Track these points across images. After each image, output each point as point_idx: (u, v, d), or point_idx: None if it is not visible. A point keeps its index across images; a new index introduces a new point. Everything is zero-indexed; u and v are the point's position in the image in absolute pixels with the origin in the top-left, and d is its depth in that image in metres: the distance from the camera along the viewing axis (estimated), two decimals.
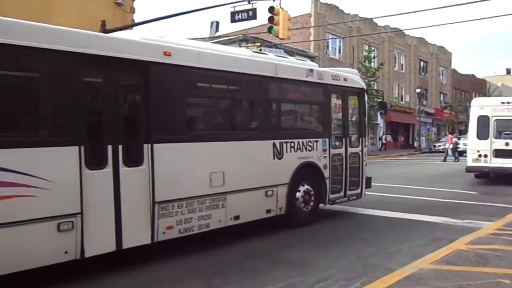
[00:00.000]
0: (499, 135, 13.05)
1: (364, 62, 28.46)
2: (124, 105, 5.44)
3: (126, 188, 5.27)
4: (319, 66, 8.48)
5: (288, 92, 7.59)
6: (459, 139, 25.73)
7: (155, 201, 5.52)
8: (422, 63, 43.27)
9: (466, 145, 16.33)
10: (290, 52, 24.42)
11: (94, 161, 5.07)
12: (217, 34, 25.83)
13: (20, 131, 4.60)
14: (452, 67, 49.30)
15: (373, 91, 9.57)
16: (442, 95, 46.60)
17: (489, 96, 46.03)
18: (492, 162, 12.91)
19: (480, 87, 53.28)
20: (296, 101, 7.90)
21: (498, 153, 12.84)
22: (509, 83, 63.61)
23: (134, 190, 5.35)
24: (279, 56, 8.01)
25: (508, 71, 71.63)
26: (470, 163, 13.18)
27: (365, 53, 30.13)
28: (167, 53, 5.76)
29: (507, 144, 12.75)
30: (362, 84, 9.02)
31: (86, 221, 4.89)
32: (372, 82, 27.26)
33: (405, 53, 40.21)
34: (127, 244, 5.28)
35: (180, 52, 5.93)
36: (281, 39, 13.73)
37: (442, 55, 46.29)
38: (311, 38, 28.56)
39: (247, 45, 21.22)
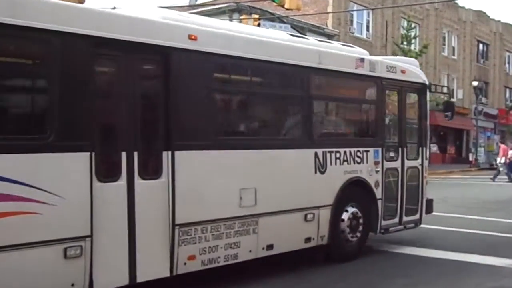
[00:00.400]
0: None
1: (402, 43, 27.65)
2: (140, 102, 5.90)
3: (142, 206, 5.72)
4: None
5: (333, 88, 8.11)
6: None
7: (175, 223, 5.98)
8: (481, 46, 42.84)
9: None
10: (300, 29, 23.53)
11: (106, 171, 5.51)
12: (199, 1, 25.81)
13: (21, 134, 5.05)
14: None
15: (437, 87, 10.12)
16: (508, 90, 46.23)
17: None
18: None
19: None
20: (343, 99, 8.42)
21: None
22: None
23: (151, 208, 5.80)
24: (321, 41, 8.53)
25: None
26: None
27: (402, 31, 29.31)
28: (193, 37, 6.22)
29: None
30: (424, 78, 9.58)
31: (96, 246, 5.32)
32: None
33: (458, 31, 39.56)
34: (141, 277, 5.72)
35: (208, 35, 6.41)
36: (287, 10, 13.79)
37: (509, 36, 45.65)
38: (329, 9, 27.39)
39: (240, 17, 20.81)
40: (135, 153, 5.73)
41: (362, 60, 8.41)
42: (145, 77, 6.03)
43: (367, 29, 31.37)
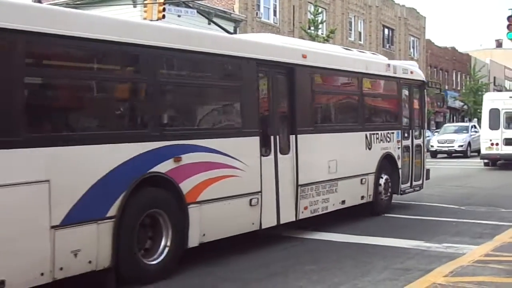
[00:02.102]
0: (508, 125, 22.22)
1: (309, 28, 27.17)
2: (279, 102, 9.07)
3: (281, 173, 8.92)
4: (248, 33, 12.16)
5: (373, 87, 11.64)
6: (433, 133, 31.61)
7: (298, 184, 9.23)
8: (386, 31, 42.46)
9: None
10: (207, 14, 23.22)
11: (265, 149, 8.67)
12: None
13: (229, 125, 8.14)
14: (427, 37, 50.58)
15: (432, 83, 14.03)
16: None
17: (474, 76, 51.95)
18: (502, 149, 22.00)
19: (462, 64, 58.84)
20: (378, 95, 11.98)
21: (508, 142, 21.89)
22: (499, 59, 72.21)
23: (286, 175, 9.02)
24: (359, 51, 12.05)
25: (499, 44, 79.99)
26: (483, 151, 22.71)
27: (310, 16, 29.04)
28: (304, 56, 9.48)
29: None
30: (423, 76, 13.38)
31: (263, 199, 8.47)
32: None
33: (364, 16, 39.13)
34: (283, 220, 8.91)
35: (313, 54, 9.70)
36: None
37: (413, 21, 47.52)
38: None
39: (145, 1, 21.21)
40: (277, 137, 8.93)
41: (389, 65, 12.03)
42: (281, 85, 9.20)
43: (275, 14, 30.78)
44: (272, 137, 8.81)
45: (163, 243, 6.98)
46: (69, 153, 5.92)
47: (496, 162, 23.24)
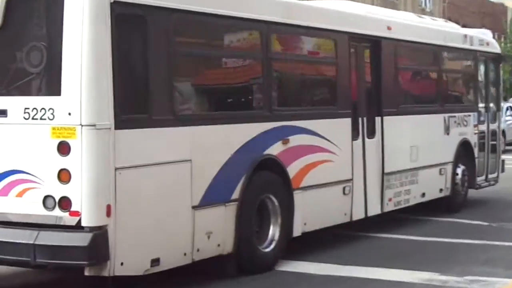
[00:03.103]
0: None
1: None
2: (364, 79, 11.83)
3: (368, 160, 11.70)
4: None
5: (450, 62, 14.61)
6: None
7: (384, 172, 12.04)
8: None
9: None
10: None
11: (355, 132, 11.44)
12: None
13: (327, 106, 10.90)
14: None
15: (507, 56, 17.17)
16: None
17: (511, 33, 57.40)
18: None
19: (495, 18, 61.98)
20: (455, 71, 14.93)
21: None
22: None
23: (372, 161, 11.80)
24: (420, 17, 15.02)
25: None
26: None
27: None
28: (389, 28, 12.28)
29: None
30: (498, 48, 16.45)
31: (354, 187, 11.23)
32: None
33: None
34: (370, 212, 11.69)
35: (397, 25, 12.51)
36: None
37: None
38: None
39: None
40: (364, 119, 11.68)
41: (465, 35, 14.99)
42: (366, 61, 11.91)
43: None
44: (360, 119, 11.59)
45: (271, 231, 9.65)
46: (205, 132, 8.53)
47: None
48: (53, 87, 7.34)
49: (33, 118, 7.36)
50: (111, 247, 7.26)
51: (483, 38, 15.65)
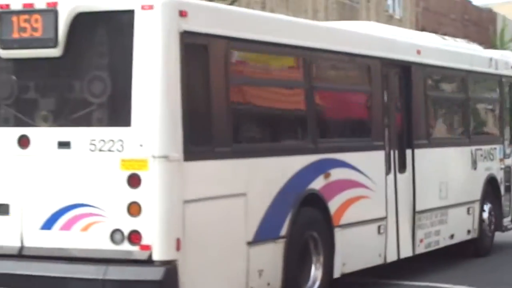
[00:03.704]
0: None
1: None
2: (395, 107, 13.86)
3: (400, 196, 13.70)
4: None
5: (477, 88, 16.82)
6: None
7: (415, 211, 14.06)
8: None
9: None
10: None
11: (387, 166, 13.44)
12: None
13: (360, 138, 12.89)
14: None
15: None
16: None
17: (503, 47, 55.09)
18: None
19: (480, 27, 64.15)
20: (481, 99, 17.14)
21: None
22: None
23: (404, 198, 13.80)
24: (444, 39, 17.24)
25: None
26: None
27: None
28: (419, 51, 14.41)
29: None
30: None
31: (388, 226, 13.21)
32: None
33: None
34: (402, 254, 13.65)
35: (427, 49, 14.64)
36: None
37: None
38: None
39: None
40: (395, 152, 13.68)
41: (491, 59, 17.27)
42: (397, 88, 13.95)
43: None
44: (392, 152, 13.62)
45: (313, 271, 11.51)
46: (258, 165, 10.41)
47: None
48: (121, 118, 9.03)
49: (100, 150, 9.09)
50: (180, 283, 9.00)
51: (508, 61, 17.93)
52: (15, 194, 9.41)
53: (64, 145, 9.24)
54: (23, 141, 9.42)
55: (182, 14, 9.18)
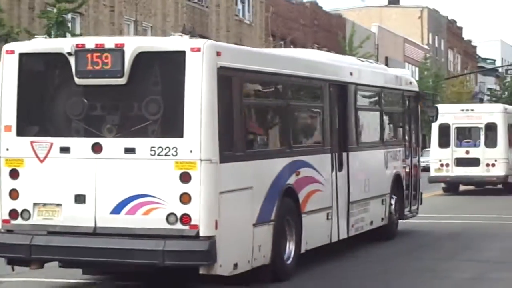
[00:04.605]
0: (459, 143, 34.43)
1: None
2: (336, 119, 17.90)
3: (339, 190, 17.75)
4: None
5: (387, 101, 21.02)
6: None
7: (349, 201, 18.17)
8: None
9: None
10: None
11: (331, 165, 17.50)
12: None
13: (317, 142, 16.92)
14: None
15: (426, 94, 24.11)
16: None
17: (352, 53, 61.97)
18: (453, 171, 34.53)
19: (330, 33, 66.85)
20: (390, 110, 21.30)
21: (460, 162, 34.05)
22: (395, 25, 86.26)
23: (341, 191, 17.88)
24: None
25: None
26: (432, 173, 36.56)
27: None
28: (351, 73, 18.57)
29: (467, 152, 33.61)
30: (417, 86, 23.31)
31: (333, 214, 17.26)
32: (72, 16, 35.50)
33: None
34: (340, 236, 17.64)
35: (357, 71, 18.81)
36: None
37: None
38: None
39: None
40: (336, 154, 17.74)
41: (397, 76, 21.64)
42: (337, 104, 18.02)
43: None
44: (334, 154, 17.65)
45: (288, 247, 15.37)
46: (259, 165, 14.25)
47: (458, 187, 36.14)
48: (176, 131, 12.65)
49: (158, 155, 12.73)
50: (218, 252, 12.75)
51: (407, 77, 22.37)
52: (90, 188, 12.92)
53: (130, 151, 12.80)
54: (96, 148, 12.89)
55: (218, 54, 12.87)
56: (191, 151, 12.59)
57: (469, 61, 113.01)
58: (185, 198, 12.62)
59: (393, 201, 20.85)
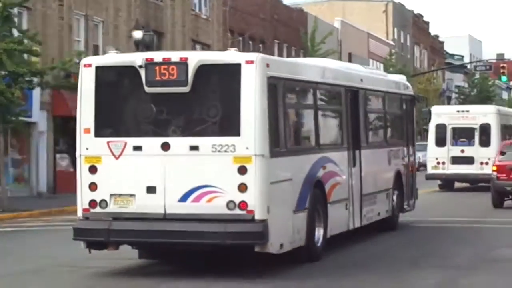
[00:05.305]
0: (455, 142, 37.92)
1: None
2: (350, 120, 20.79)
3: (354, 183, 20.65)
4: None
5: (389, 104, 23.87)
6: None
7: (362, 194, 21.07)
8: None
9: None
10: None
11: (348, 162, 20.39)
12: None
13: (339, 140, 19.82)
14: None
15: (420, 97, 27.15)
16: (199, 46, 54.69)
17: (313, 51, 59.64)
18: (449, 168, 37.81)
19: (291, 28, 65.27)
20: (393, 112, 24.26)
21: (455, 160, 37.76)
22: (359, 19, 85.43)
23: (355, 185, 20.77)
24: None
25: None
26: (429, 170, 41.03)
27: None
28: (362, 80, 21.50)
29: (462, 151, 37.56)
30: (412, 91, 26.35)
31: (349, 204, 20.14)
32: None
33: None
34: (355, 225, 20.55)
35: (365, 77, 21.76)
36: None
37: None
38: None
39: None
40: (350, 152, 20.64)
41: (395, 82, 24.62)
42: (352, 107, 20.90)
43: None
44: (350, 152, 20.52)
45: (317, 232, 18.18)
46: (297, 160, 17.08)
47: (453, 184, 39.63)
48: (233, 131, 15.36)
49: (219, 151, 15.51)
50: (269, 233, 15.55)
51: (405, 83, 25.35)
52: (160, 180, 15.61)
53: (194, 148, 15.54)
54: (165, 146, 15.59)
55: (267, 65, 15.66)
56: (247, 148, 15.32)
57: (436, 57, 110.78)
58: (242, 188, 15.34)
59: (395, 196, 23.69)
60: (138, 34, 41.16)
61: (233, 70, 15.62)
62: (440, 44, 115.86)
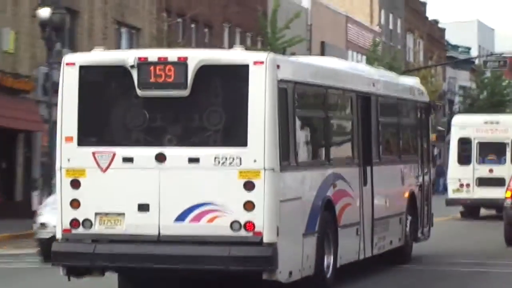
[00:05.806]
0: (482, 160, 35.04)
1: None
2: (361, 132, 20.58)
3: (365, 205, 20.38)
4: None
5: (402, 113, 23.65)
6: None
7: (373, 218, 20.80)
8: None
9: None
10: None
11: (360, 180, 20.13)
12: None
13: (348, 155, 19.64)
14: None
15: (437, 105, 26.80)
16: (126, 29, 51.78)
17: (274, 40, 50.77)
18: (475, 192, 34.87)
19: (249, 9, 58.48)
20: (406, 123, 23.98)
21: (482, 182, 34.84)
22: None
23: (366, 207, 20.51)
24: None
25: None
26: (451, 194, 37.81)
27: None
28: (373, 84, 21.29)
29: (491, 170, 34.74)
30: (428, 96, 26.08)
31: (360, 229, 19.86)
32: None
33: None
34: (366, 254, 20.24)
35: (379, 82, 21.57)
36: None
37: None
38: None
39: None
40: (361, 168, 20.36)
41: (410, 88, 24.40)
42: (363, 116, 20.68)
43: None
44: (361, 168, 20.28)
45: (326, 259, 17.89)
46: (307, 175, 16.83)
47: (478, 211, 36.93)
48: (239, 140, 15.27)
49: (222, 164, 15.29)
50: (279, 258, 15.26)
51: (419, 87, 25.12)
52: (153, 196, 15.45)
53: (194, 160, 15.36)
54: (160, 158, 15.42)
55: (278, 67, 15.55)
56: (255, 160, 15.22)
57: (435, 48, 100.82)
58: (249, 206, 15.22)
59: (408, 221, 23.37)
60: (44, 13, 38.89)
61: (240, 72, 15.56)
62: (440, 32, 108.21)
